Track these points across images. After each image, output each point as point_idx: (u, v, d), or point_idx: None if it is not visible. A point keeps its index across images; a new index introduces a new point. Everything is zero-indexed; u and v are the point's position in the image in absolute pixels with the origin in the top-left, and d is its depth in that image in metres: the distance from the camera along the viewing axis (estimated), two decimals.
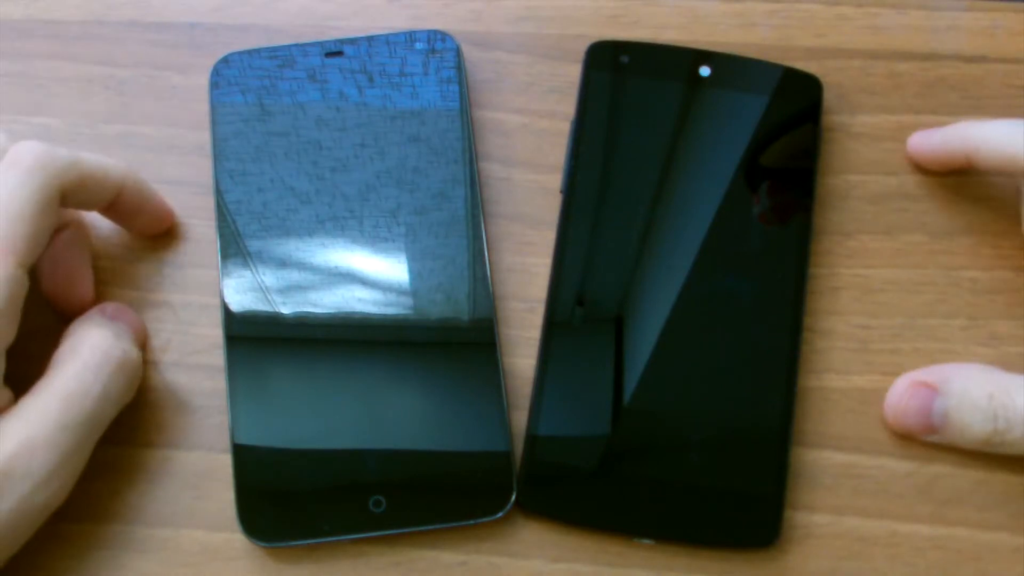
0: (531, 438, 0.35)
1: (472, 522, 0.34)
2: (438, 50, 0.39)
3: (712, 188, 0.37)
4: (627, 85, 0.38)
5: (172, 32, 0.41)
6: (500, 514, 0.34)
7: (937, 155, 0.38)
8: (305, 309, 0.36)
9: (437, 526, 0.34)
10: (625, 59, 0.39)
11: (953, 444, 0.35)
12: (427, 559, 0.35)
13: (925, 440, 0.36)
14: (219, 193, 0.37)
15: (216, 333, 0.37)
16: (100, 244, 0.38)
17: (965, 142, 0.36)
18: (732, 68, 0.39)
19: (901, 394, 0.36)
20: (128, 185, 0.36)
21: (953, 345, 0.37)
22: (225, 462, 0.35)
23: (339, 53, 0.39)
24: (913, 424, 0.35)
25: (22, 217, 0.32)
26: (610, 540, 0.35)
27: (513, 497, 0.34)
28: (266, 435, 0.35)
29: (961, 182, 0.39)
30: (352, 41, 0.39)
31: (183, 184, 0.39)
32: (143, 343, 0.37)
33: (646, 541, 0.35)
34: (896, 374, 0.36)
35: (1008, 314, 0.37)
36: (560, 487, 0.35)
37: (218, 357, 0.37)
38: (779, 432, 0.35)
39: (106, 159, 0.35)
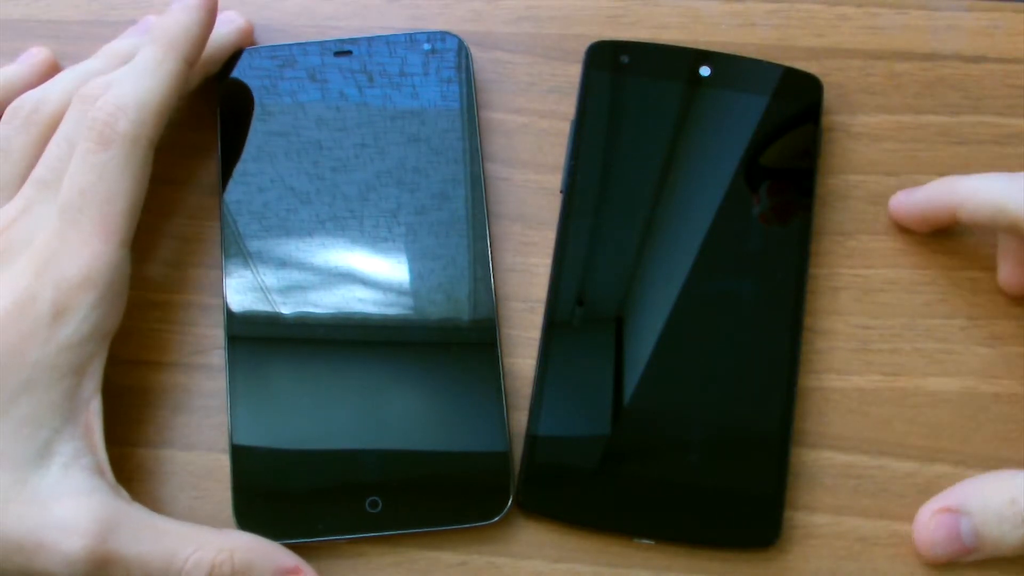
0: (531, 438, 0.35)
1: (467, 526, 0.34)
2: (439, 50, 0.39)
3: (712, 188, 0.37)
4: (627, 85, 0.38)
5: None
6: (496, 519, 0.34)
7: (923, 212, 0.37)
8: (306, 309, 0.36)
9: (432, 528, 0.34)
10: (625, 59, 0.39)
11: (996, 557, 0.34)
12: (427, 559, 0.35)
13: (969, 562, 0.34)
14: (220, 193, 0.37)
15: (216, 333, 0.37)
16: None
17: (951, 197, 0.36)
18: (732, 68, 0.39)
19: (926, 526, 0.34)
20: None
21: (953, 345, 0.37)
22: (225, 462, 0.35)
23: (345, 53, 0.38)
24: (947, 552, 0.34)
25: (120, 193, 0.31)
26: (610, 540, 0.35)
27: (510, 502, 0.34)
28: (265, 435, 0.35)
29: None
30: (354, 41, 0.39)
31: (184, 184, 0.39)
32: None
33: (646, 541, 0.35)
34: (896, 374, 0.36)
35: (1008, 314, 0.37)
36: (560, 487, 0.35)
37: (218, 357, 0.37)
38: (779, 432, 0.35)
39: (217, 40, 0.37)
